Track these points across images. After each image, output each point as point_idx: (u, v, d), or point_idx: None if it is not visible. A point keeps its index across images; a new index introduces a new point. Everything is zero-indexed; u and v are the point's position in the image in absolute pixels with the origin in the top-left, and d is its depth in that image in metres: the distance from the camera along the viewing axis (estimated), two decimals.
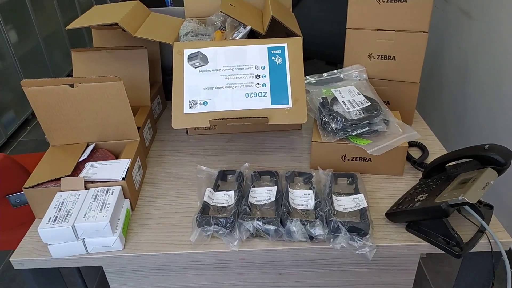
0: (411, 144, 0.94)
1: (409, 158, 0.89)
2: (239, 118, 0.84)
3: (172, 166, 0.94)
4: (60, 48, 3.17)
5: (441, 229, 0.67)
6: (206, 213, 0.74)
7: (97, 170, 0.78)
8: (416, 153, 0.93)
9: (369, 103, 0.87)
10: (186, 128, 1.05)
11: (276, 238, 0.70)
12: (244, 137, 1.03)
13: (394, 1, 0.87)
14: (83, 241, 0.69)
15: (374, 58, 0.96)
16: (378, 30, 0.92)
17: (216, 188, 0.82)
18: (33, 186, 0.75)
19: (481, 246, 0.70)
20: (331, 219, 0.69)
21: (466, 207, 0.68)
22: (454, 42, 1.82)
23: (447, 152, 0.89)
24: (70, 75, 3.24)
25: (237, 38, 0.93)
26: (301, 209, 0.74)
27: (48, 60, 2.93)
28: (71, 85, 0.80)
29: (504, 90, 1.50)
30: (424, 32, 0.88)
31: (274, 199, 0.76)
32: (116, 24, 0.88)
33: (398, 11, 0.88)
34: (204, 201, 0.76)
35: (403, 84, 0.96)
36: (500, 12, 1.49)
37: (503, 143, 1.49)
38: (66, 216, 0.69)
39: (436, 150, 0.93)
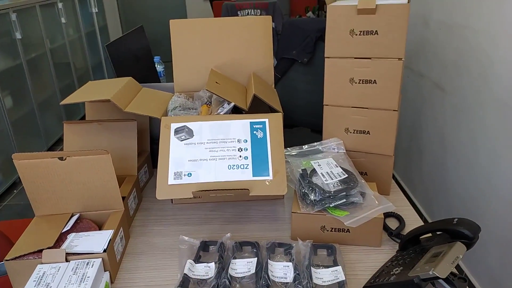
0: (388, 214, 0.98)
1: (386, 229, 0.92)
2: (222, 190, 0.87)
3: (155, 235, 0.95)
4: (53, 113, 3.25)
5: None
6: (185, 286, 0.74)
7: (79, 241, 0.79)
8: (393, 223, 0.95)
9: (346, 175, 0.91)
10: None
11: None
12: (228, 206, 1.05)
13: (366, 82, 0.95)
14: None
15: (351, 132, 1.02)
16: (352, 107, 0.99)
17: (198, 259, 0.82)
18: (15, 258, 0.76)
19: None
20: None
21: (440, 280, 0.70)
22: (430, 113, 1.93)
23: (422, 223, 0.92)
24: (61, 138, 3.30)
25: (222, 113, 0.99)
26: (280, 282, 0.75)
27: (40, 125, 3.00)
28: (61, 158, 0.84)
29: (475, 159, 1.57)
30: (394, 110, 0.95)
31: (254, 271, 0.77)
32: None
33: (369, 91, 0.95)
34: (184, 273, 0.76)
35: (378, 156, 1.01)
36: (468, 86, 1.61)
37: (480, 210, 1.53)
38: None
39: (412, 221, 0.96)
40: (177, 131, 0.94)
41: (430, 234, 0.81)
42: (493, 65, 1.47)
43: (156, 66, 1.99)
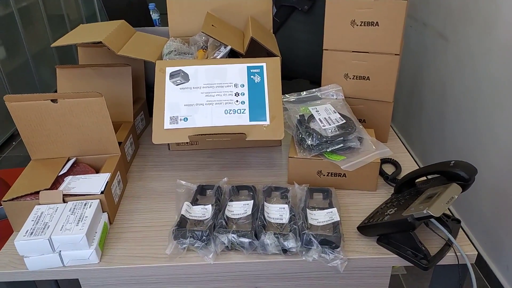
0: (385, 160, 0.98)
1: (382, 174, 0.92)
2: (218, 134, 0.87)
3: (153, 180, 0.95)
4: (48, 65, 3.19)
5: (410, 242, 0.70)
6: (183, 226, 0.75)
7: (76, 184, 0.80)
8: (390, 169, 0.96)
9: (344, 121, 0.90)
10: (168, 144, 1.07)
11: (250, 251, 0.72)
12: (225, 153, 1.05)
13: (367, 25, 0.92)
14: (59, 254, 0.70)
15: (350, 78, 1.00)
16: (352, 51, 0.96)
17: (195, 202, 0.83)
18: (12, 199, 0.76)
19: (450, 259, 0.72)
20: (304, 232, 0.71)
21: (433, 221, 0.71)
22: (432, 63, 1.89)
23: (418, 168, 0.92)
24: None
25: (218, 57, 0.97)
26: (276, 223, 0.76)
27: (36, 77, 2.95)
28: (54, 101, 0.82)
29: (477, 110, 1.55)
30: (395, 54, 0.92)
31: (250, 212, 0.78)
32: (101, 42, 0.91)
33: (371, 34, 0.92)
34: (182, 214, 0.77)
35: (377, 103, 1.00)
36: (471, 35, 1.56)
37: (477, 160, 1.54)
38: (43, 228, 0.70)
39: (409, 167, 0.96)
40: (172, 75, 0.92)
41: (425, 178, 0.81)
42: (500, 11, 1.41)
43: (151, 13, 1.92)
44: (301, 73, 1.90)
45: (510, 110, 1.38)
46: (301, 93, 1.02)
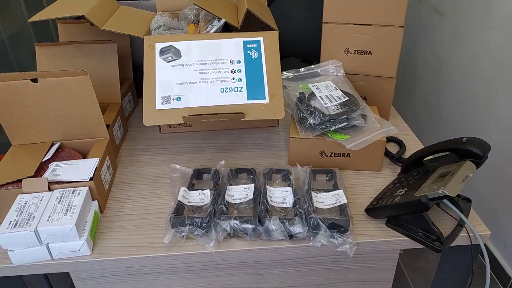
0: (388, 139, 0.94)
1: (387, 153, 0.88)
2: (214, 114, 0.81)
3: (145, 165, 0.90)
4: (26, 47, 3.04)
5: (421, 224, 0.66)
6: (180, 213, 0.70)
7: (62, 170, 0.73)
8: (393, 148, 0.92)
9: (347, 98, 0.86)
10: (159, 126, 1.01)
11: (254, 237, 0.67)
12: (220, 134, 0.99)
13: None
14: (47, 246, 0.64)
15: (351, 53, 0.94)
16: (354, 24, 0.90)
17: (191, 187, 0.78)
18: None
19: (460, 240, 0.69)
20: (311, 216, 0.66)
21: (445, 201, 0.67)
22: (427, 39, 1.85)
23: (423, 147, 0.89)
24: None
25: (211, 31, 0.90)
26: (279, 207, 0.72)
27: (13, 59, 2.81)
28: (34, 80, 0.75)
29: (475, 86, 1.52)
30: (400, 26, 0.87)
31: (251, 197, 0.73)
32: (83, 17, 0.83)
33: (374, 5, 0.87)
34: (178, 200, 0.72)
35: (379, 79, 0.95)
36: (472, 9, 1.51)
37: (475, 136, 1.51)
38: (28, 219, 0.64)
39: (413, 145, 0.92)
40: (162, 52, 0.85)
41: (432, 156, 0.77)
42: None
43: None
44: (293, 52, 1.84)
45: (511, 86, 1.35)
46: (300, 69, 0.97)
